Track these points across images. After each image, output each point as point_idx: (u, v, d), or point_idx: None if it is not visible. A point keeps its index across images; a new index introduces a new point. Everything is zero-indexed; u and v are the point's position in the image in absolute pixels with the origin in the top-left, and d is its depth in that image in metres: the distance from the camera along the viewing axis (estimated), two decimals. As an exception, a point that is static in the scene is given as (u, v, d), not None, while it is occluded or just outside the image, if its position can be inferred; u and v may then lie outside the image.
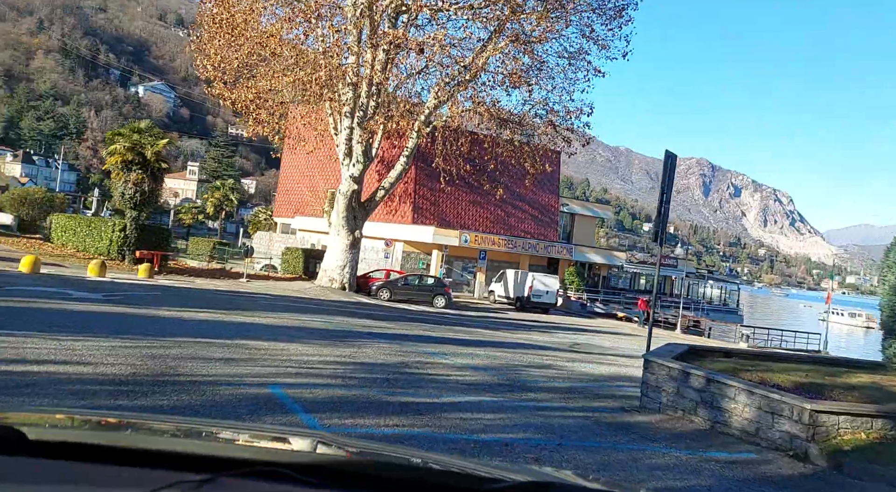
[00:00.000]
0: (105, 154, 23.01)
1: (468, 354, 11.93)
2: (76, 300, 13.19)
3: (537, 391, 8.47)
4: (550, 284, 32.36)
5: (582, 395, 8.56)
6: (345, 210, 26.17)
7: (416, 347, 11.83)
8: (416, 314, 22.25)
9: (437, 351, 11.65)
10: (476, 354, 12.09)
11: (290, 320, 14.29)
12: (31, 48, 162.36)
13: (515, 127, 27.10)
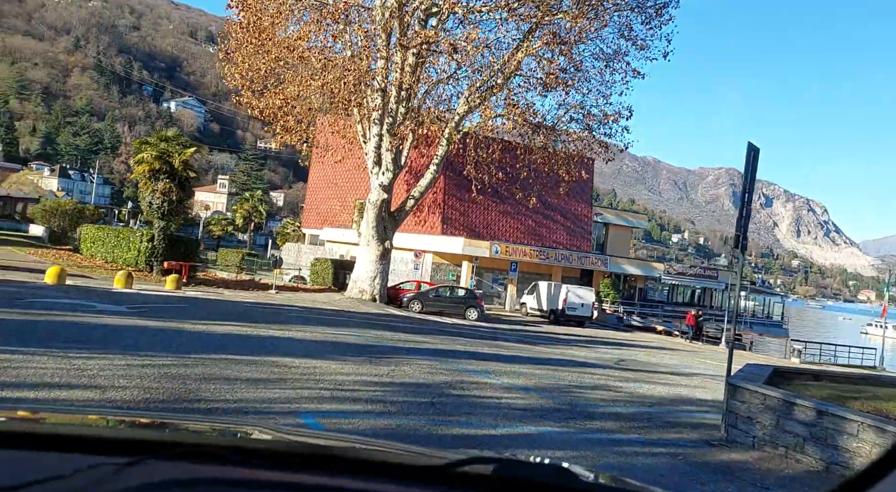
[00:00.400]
0: (133, 163, 22.70)
1: (513, 372, 10.98)
2: (98, 313, 12.58)
3: (601, 418, 7.50)
4: (585, 297, 31.19)
5: (653, 423, 7.56)
6: (374, 220, 25.46)
7: (456, 365, 10.92)
8: (449, 327, 21.34)
9: (479, 369, 10.73)
10: (521, 372, 11.13)
11: (321, 334, 13.50)
12: (68, 66, 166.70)
13: (549, 133, 26.14)
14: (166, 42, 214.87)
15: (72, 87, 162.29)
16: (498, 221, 36.67)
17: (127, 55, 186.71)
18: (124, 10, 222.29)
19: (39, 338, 8.33)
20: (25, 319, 10.01)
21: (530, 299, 33.46)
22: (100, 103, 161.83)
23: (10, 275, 18.18)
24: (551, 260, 34.59)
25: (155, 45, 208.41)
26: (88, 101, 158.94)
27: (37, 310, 11.44)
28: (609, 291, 35.72)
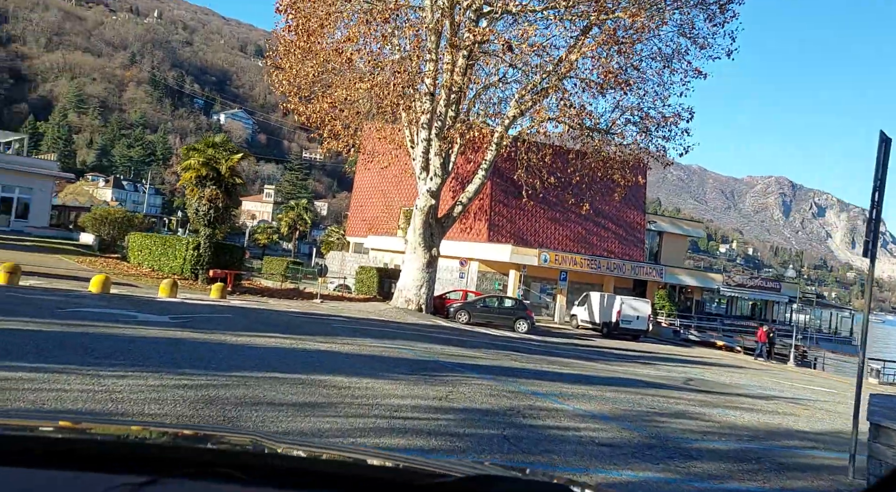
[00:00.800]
0: (179, 170, 22.50)
1: (581, 394, 9.91)
2: (139, 324, 12.04)
3: (702, 458, 6.39)
4: (641, 309, 29.69)
5: (764, 465, 6.42)
6: (421, 227, 24.67)
7: (517, 385, 9.91)
8: (500, 341, 20.32)
9: (544, 391, 9.69)
10: (590, 394, 10.05)
11: (368, 347, 12.68)
12: (124, 81, 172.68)
13: (604, 136, 24.93)
14: (217, 56, 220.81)
15: (127, 101, 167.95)
16: (546, 229, 35.49)
17: (180, 69, 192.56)
18: (178, 26, 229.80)
19: (71, 353, 7.69)
20: (61, 331, 9.46)
21: (581, 311, 32.14)
22: (153, 116, 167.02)
23: (56, 283, 18.00)
24: (603, 270, 33.20)
25: (206, 59, 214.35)
26: (142, 114, 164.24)
27: (75, 321, 10.94)
28: (665, 303, 34.05)
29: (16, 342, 7.94)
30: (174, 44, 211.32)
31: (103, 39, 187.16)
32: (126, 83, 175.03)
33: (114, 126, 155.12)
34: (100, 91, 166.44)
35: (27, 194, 37.55)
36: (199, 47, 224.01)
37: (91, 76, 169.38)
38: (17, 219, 37.21)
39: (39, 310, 11.94)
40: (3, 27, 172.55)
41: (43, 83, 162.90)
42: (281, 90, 26.39)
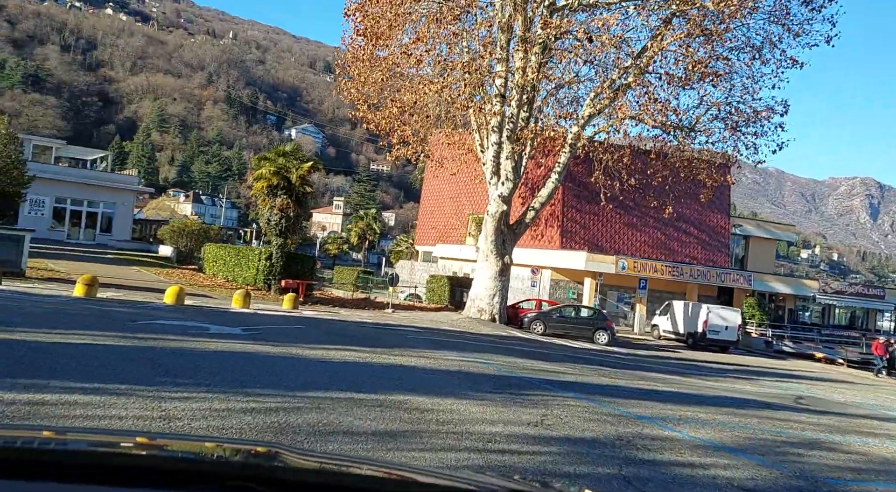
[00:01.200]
0: (251, 180, 22.54)
1: (691, 418, 8.70)
2: (211, 336, 11.67)
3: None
4: (730, 319, 27.62)
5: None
6: (493, 233, 23.76)
7: (616, 407, 8.81)
8: (582, 353, 19.10)
9: (649, 414, 8.55)
10: (700, 418, 8.82)
11: (446, 361, 11.85)
12: (202, 100, 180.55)
13: (687, 134, 23.30)
14: (288, 73, 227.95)
15: (205, 119, 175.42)
16: (623, 234, 33.84)
17: (253, 87, 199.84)
18: (251, 45, 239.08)
19: (136, 371, 7.21)
20: (129, 346, 9.09)
21: (663, 321, 30.31)
22: (229, 133, 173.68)
23: (133, 295, 18.15)
24: (685, 277, 31.24)
25: (278, 76, 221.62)
26: (219, 131, 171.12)
27: (145, 334, 10.63)
28: (754, 311, 31.69)
29: (80, 358, 7.55)
30: (248, 63, 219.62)
31: (183, 61, 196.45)
32: (204, 102, 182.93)
33: (193, 143, 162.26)
34: (180, 110, 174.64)
35: (110, 209, 39.09)
36: (271, 65, 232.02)
37: (172, 96, 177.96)
38: (101, 233, 38.78)
39: (112, 323, 11.76)
40: (93, 53, 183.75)
41: (128, 105, 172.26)
42: (350, 98, 26.20)
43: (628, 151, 22.93)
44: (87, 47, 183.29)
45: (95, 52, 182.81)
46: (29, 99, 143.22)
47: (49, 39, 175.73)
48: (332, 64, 55.91)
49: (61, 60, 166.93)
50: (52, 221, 38.35)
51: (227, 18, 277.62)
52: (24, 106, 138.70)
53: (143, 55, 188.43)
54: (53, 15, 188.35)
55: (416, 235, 49.39)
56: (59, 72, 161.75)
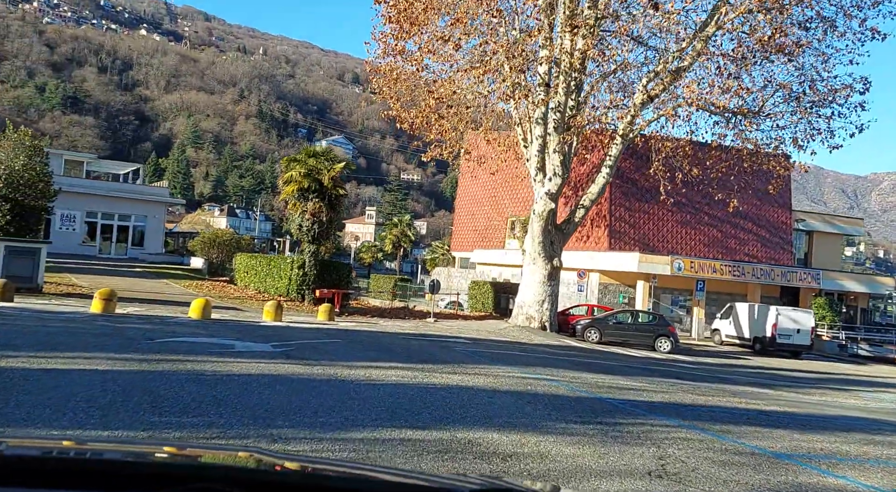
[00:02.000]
0: (280, 184, 21.18)
1: (836, 454, 6.77)
2: (235, 355, 10.14)
3: None
4: (802, 321, 25.17)
5: None
6: (541, 234, 21.92)
7: (737, 440, 6.93)
8: (648, 364, 17.10)
9: (785, 450, 6.64)
10: (850, 453, 6.88)
11: (508, 379, 10.09)
12: (235, 115, 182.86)
13: (751, 120, 21.11)
14: (318, 86, 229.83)
15: (238, 134, 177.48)
16: (675, 233, 31.57)
17: (284, 101, 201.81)
18: (281, 60, 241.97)
19: (130, 410, 5.62)
20: (136, 371, 7.58)
21: (725, 325, 27.96)
22: (261, 147, 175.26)
23: (156, 309, 16.82)
24: (748, 277, 28.82)
25: (308, 89, 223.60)
26: (252, 145, 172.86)
27: (161, 355, 9.14)
28: (825, 312, 29.07)
29: (68, 392, 6.01)
30: (278, 77, 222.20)
31: (215, 78, 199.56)
32: (236, 117, 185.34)
33: (226, 158, 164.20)
34: (213, 126, 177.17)
35: (141, 222, 38.36)
36: (301, 79, 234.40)
37: (205, 113, 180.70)
38: (133, 247, 38.06)
39: (125, 342, 10.31)
40: (129, 73, 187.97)
41: (163, 122, 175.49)
42: (381, 97, 24.78)
43: (687, 140, 20.85)
44: (123, 68, 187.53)
45: (131, 72, 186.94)
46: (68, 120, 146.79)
47: (87, 61, 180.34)
48: (361, 75, 53.98)
49: (98, 81, 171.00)
50: (84, 235, 37.79)
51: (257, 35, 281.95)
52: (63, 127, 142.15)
53: (176, 74, 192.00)
54: (91, 38, 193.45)
55: (452, 240, 47.70)
56: (96, 92, 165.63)
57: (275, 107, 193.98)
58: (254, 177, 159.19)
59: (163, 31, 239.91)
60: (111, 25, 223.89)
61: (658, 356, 20.29)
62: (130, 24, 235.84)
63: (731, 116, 21.56)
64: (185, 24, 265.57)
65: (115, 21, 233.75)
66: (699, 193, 30.89)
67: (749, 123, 20.24)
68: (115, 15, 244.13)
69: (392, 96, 24.16)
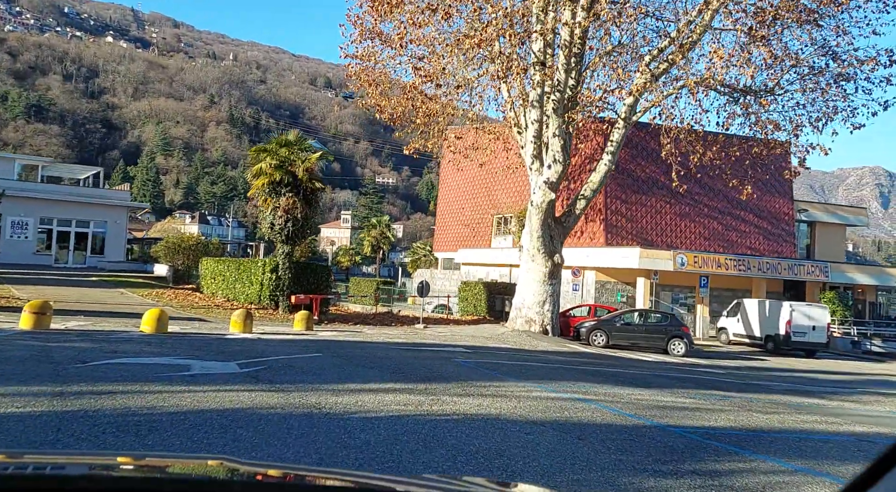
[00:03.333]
0: (249, 177, 18.85)
1: None
2: (191, 380, 7.92)
3: None
4: (817, 317, 23.50)
5: None
6: (540, 228, 19.90)
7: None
8: (671, 370, 15.19)
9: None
10: None
11: (534, 403, 8.02)
12: (205, 121, 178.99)
13: (761, 99, 19.34)
14: (289, 91, 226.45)
15: (208, 140, 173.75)
16: (674, 226, 29.85)
17: (255, 106, 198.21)
18: (252, 66, 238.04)
19: None
20: (44, 412, 5.35)
21: (732, 323, 26.24)
22: (233, 153, 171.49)
23: (104, 322, 14.40)
24: (753, 271, 27.15)
25: (279, 94, 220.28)
26: (223, 151, 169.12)
27: (89, 383, 6.92)
28: (836, 307, 27.51)
29: None
30: (249, 83, 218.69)
31: (184, 84, 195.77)
32: (207, 123, 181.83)
33: (197, 165, 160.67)
34: (183, 133, 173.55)
35: (102, 228, 35.53)
36: (273, 84, 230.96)
37: (175, 120, 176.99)
38: (93, 255, 35.21)
39: (47, 368, 8.00)
40: (95, 81, 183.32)
41: (132, 130, 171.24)
42: (358, 85, 22.64)
43: (689, 126, 18.98)
44: (89, 75, 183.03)
45: (97, 79, 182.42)
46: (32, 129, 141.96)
47: (51, 69, 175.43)
48: (334, 79, 51.84)
49: (63, 89, 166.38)
50: (39, 244, 34.85)
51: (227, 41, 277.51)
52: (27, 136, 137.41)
53: (144, 80, 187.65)
54: (55, 45, 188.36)
55: (435, 240, 45.56)
56: (61, 101, 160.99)
57: (246, 112, 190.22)
58: (226, 183, 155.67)
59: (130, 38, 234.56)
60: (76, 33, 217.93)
61: (674, 360, 18.38)
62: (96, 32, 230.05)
63: (741, 96, 19.83)
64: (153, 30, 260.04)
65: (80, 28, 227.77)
66: (697, 182, 29.23)
67: (765, 102, 18.43)
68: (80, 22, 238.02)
69: (370, 83, 22.04)
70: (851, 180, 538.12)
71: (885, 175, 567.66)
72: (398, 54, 21.45)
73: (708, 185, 29.37)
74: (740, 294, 28.25)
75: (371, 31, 21.57)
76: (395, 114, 22.41)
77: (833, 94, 17.97)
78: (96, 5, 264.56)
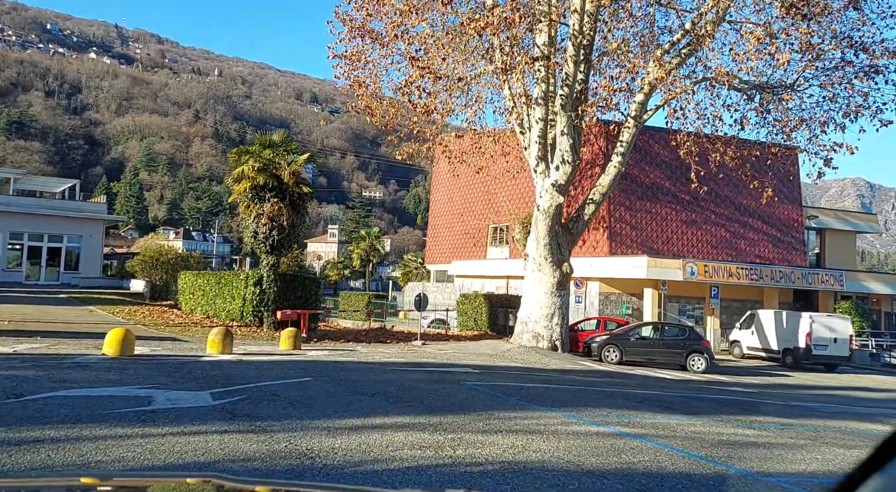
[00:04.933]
0: (230, 181, 17.20)
1: None
2: (150, 419, 6.28)
3: None
4: (839, 329, 22.11)
5: None
6: (547, 235, 18.40)
7: None
8: (704, 391, 13.66)
9: None
10: None
11: (579, 441, 6.46)
12: (190, 137, 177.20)
13: (776, 96, 18.08)
14: (275, 106, 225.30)
15: (193, 156, 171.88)
16: (681, 234, 28.48)
17: (241, 122, 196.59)
18: (237, 81, 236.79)
19: None
20: None
21: (746, 336, 24.81)
22: (218, 168, 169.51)
23: (63, 344, 12.63)
24: (765, 280, 25.79)
25: (265, 109, 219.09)
26: (208, 167, 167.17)
27: (15, 427, 5.25)
28: (853, 318, 26.17)
29: None
30: (234, 98, 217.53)
31: (169, 100, 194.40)
32: (192, 139, 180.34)
33: (182, 181, 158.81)
34: (167, 149, 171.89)
35: (76, 242, 33.58)
36: (258, 99, 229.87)
37: (159, 135, 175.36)
38: (67, 271, 33.23)
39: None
40: (77, 97, 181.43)
41: (115, 146, 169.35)
42: (347, 88, 21.17)
43: (719, 115, 17.64)
44: (72, 92, 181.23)
45: (80, 95, 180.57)
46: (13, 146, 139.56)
47: (33, 86, 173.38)
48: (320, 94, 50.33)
49: (46, 105, 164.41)
50: (10, 260, 32.84)
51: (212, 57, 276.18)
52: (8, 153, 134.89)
53: (128, 96, 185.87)
54: (37, 62, 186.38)
55: (426, 253, 43.96)
56: (43, 117, 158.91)
57: (231, 127, 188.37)
58: (211, 198, 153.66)
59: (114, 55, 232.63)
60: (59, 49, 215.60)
61: (696, 378, 16.84)
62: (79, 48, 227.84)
63: (756, 94, 18.56)
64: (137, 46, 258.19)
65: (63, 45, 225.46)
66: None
67: (788, 98, 17.11)
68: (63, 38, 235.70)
69: (360, 84, 20.58)
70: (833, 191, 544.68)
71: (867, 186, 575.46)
72: (391, 52, 20.08)
73: (714, 191, 28.09)
74: (749, 305, 26.88)
75: (361, 28, 20.17)
76: (388, 116, 20.93)
77: (861, 88, 16.70)
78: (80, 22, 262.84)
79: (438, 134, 22.42)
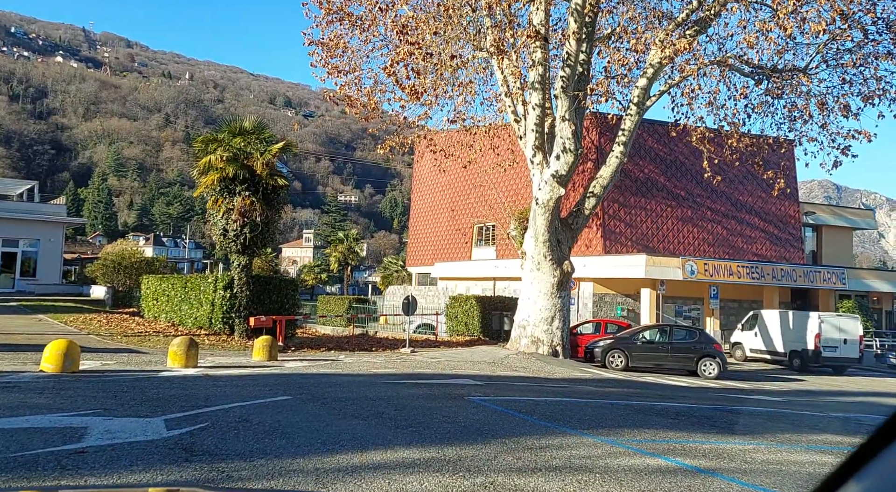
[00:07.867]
0: (195, 173, 15.39)
1: None
2: (73, 465, 4.58)
3: None
4: (849, 330, 21.00)
5: None
6: (546, 231, 16.92)
7: None
8: (729, 401, 12.30)
9: None
10: None
11: (631, 477, 4.99)
12: (160, 141, 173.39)
13: (788, 80, 16.92)
14: (248, 110, 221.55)
15: (164, 161, 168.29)
16: (677, 232, 27.29)
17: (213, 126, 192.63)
18: (209, 85, 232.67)
19: None
20: None
21: (749, 337, 23.63)
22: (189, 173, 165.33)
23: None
24: (766, 279, 24.68)
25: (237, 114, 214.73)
26: (179, 172, 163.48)
27: None
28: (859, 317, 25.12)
29: None
30: (206, 102, 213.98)
31: (138, 104, 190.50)
32: (162, 144, 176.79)
33: (152, 186, 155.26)
34: (137, 153, 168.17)
35: (34, 247, 31.26)
36: (231, 103, 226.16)
37: (128, 140, 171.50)
38: (23, 277, 30.88)
39: None
40: (43, 101, 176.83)
41: (83, 151, 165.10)
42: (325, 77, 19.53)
43: (743, 94, 16.34)
44: (37, 96, 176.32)
45: (46, 100, 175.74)
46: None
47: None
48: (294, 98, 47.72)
49: (10, 110, 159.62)
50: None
51: (183, 60, 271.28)
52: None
53: (96, 101, 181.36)
54: (1, 65, 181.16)
55: (408, 255, 42.33)
56: (7, 122, 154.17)
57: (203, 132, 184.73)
58: (182, 203, 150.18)
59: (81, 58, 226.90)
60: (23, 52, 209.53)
61: (712, 385, 15.49)
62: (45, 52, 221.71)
63: (763, 78, 17.38)
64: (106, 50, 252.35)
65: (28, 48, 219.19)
66: (699, 184, 26.85)
67: (807, 79, 15.90)
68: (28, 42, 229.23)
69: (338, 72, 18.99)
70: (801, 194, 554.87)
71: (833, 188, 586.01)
72: (372, 36, 18.53)
73: (710, 187, 27.00)
74: (748, 305, 25.78)
75: (339, 10, 18.60)
76: (369, 107, 19.32)
77: (886, 68, 15.57)
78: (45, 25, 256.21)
79: (425, 119, 20.88)
